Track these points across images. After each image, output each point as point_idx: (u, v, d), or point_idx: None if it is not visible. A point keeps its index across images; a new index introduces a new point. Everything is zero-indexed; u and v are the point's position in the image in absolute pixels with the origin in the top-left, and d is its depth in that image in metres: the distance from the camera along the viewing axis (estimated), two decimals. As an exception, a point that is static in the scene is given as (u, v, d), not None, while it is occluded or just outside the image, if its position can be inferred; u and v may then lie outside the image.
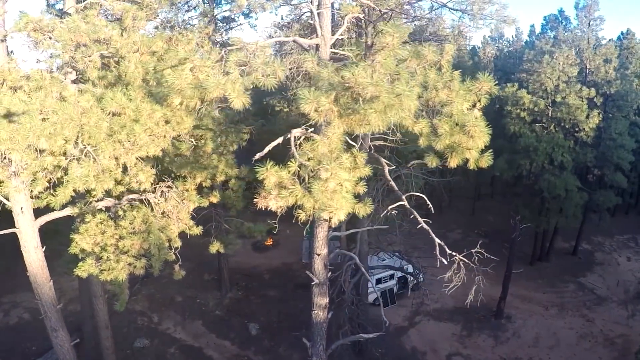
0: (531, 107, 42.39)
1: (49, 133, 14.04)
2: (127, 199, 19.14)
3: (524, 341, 35.16)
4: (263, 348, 32.72)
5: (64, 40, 15.59)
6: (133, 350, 31.45)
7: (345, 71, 10.35)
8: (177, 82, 11.14)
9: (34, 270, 18.52)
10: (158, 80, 17.38)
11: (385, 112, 10.06)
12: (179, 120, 17.69)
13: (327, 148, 12.58)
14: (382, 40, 11.55)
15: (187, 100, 11.66)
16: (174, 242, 19.73)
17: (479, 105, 12.47)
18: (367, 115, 10.15)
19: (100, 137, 15.14)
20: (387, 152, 26.10)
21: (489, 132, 12.37)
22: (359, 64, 10.53)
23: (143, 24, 18.61)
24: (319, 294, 18.21)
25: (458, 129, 12.33)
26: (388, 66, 10.96)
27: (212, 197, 23.86)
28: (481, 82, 12.35)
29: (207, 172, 23.04)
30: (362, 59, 13.59)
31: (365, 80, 10.01)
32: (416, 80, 11.27)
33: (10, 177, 16.14)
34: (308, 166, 12.66)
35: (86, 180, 15.37)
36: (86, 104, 14.91)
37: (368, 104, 10.12)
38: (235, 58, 11.82)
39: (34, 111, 13.90)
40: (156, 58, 18.49)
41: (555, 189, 41.47)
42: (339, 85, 10.54)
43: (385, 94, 9.94)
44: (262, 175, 12.06)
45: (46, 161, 15.72)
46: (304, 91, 10.61)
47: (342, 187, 12.07)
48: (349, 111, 10.76)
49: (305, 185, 12.53)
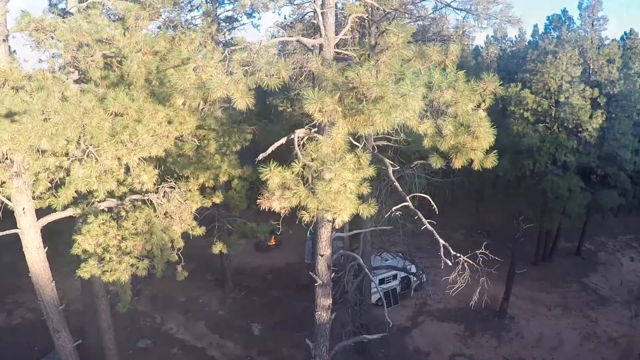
0: (534, 107, 42.29)
1: (51, 133, 13.98)
2: (130, 199, 19.08)
3: (527, 341, 35.07)
4: (266, 349, 32.65)
5: (65, 40, 15.54)
6: (136, 351, 31.40)
7: (349, 71, 10.27)
8: (180, 82, 11.08)
9: (36, 271, 18.48)
10: (161, 80, 17.35)
11: (390, 113, 9.98)
12: (181, 120, 17.63)
13: (330, 148, 12.48)
14: (387, 40, 11.47)
15: (190, 101, 11.60)
16: (176, 242, 19.65)
17: (483, 106, 12.36)
18: (372, 115, 10.06)
19: (102, 137, 15.07)
20: (391, 153, 26.05)
21: (493, 133, 12.28)
22: (363, 64, 10.45)
23: (146, 24, 18.55)
24: (322, 295, 18.15)
25: (463, 129, 12.22)
26: (393, 66, 10.89)
27: (215, 197, 23.76)
28: (486, 82, 12.23)
29: (210, 172, 22.95)
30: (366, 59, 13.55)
31: (370, 81, 9.93)
32: (421, 80, 11.16)
33: (12, 177, 16.10)
34: (312, 167, 12.57)
35: (88, 181, 15.31)
36: (88, 104, 14.85)
37: (373, 105, 10.04)
38: (238, 58, 11.74)
39: (35, 111, 13.83)
40: (159, 58, 18.44)
41: (558, 189, 41.37)
42: (343, 86, 10.46)
43: (390, 94, 9.85)
44: (265, 176, 11.96)
45: (48, 162, 15.67)
46: (308, 91, 10.54)
47: (346, 187, 11.97)
48: (353, 112, 10.68)
49: (309, 186, 12.44)
